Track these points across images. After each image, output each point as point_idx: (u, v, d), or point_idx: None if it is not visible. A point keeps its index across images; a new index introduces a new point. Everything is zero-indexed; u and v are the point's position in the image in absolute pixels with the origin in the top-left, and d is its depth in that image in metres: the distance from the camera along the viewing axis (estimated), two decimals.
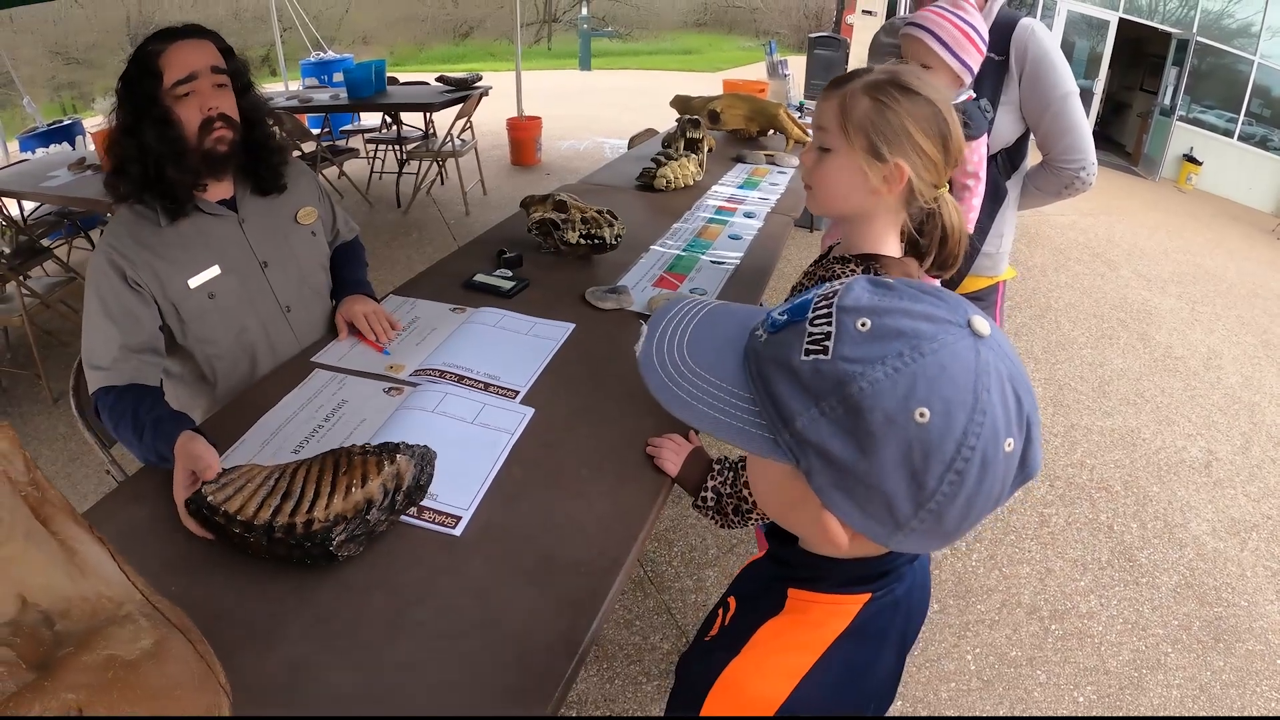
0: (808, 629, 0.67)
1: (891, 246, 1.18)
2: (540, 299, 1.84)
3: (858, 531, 0.60)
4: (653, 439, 1.31)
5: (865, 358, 0.55)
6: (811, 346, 0.57)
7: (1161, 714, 1.74)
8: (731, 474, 1.24)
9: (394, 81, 6.23)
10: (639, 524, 1.15)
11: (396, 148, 6.03)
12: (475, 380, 1.46)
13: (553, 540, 1.11)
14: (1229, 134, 9.65)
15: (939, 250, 1.20)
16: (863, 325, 0.56)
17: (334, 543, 1.01)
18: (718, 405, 0.62)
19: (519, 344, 1.59)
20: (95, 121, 6.48)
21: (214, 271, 1.53)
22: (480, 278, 1.92)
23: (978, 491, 0.55)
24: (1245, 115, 9.56)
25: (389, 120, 6.06)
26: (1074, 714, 2.06)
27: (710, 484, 1.24)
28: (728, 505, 1.22)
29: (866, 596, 0.67)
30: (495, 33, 18.69)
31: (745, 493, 1.21)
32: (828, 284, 0.61)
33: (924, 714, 2.03)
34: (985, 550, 2.61)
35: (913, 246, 1.21)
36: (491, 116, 7.29)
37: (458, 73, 6.10)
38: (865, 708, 0.70)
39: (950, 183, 1.19)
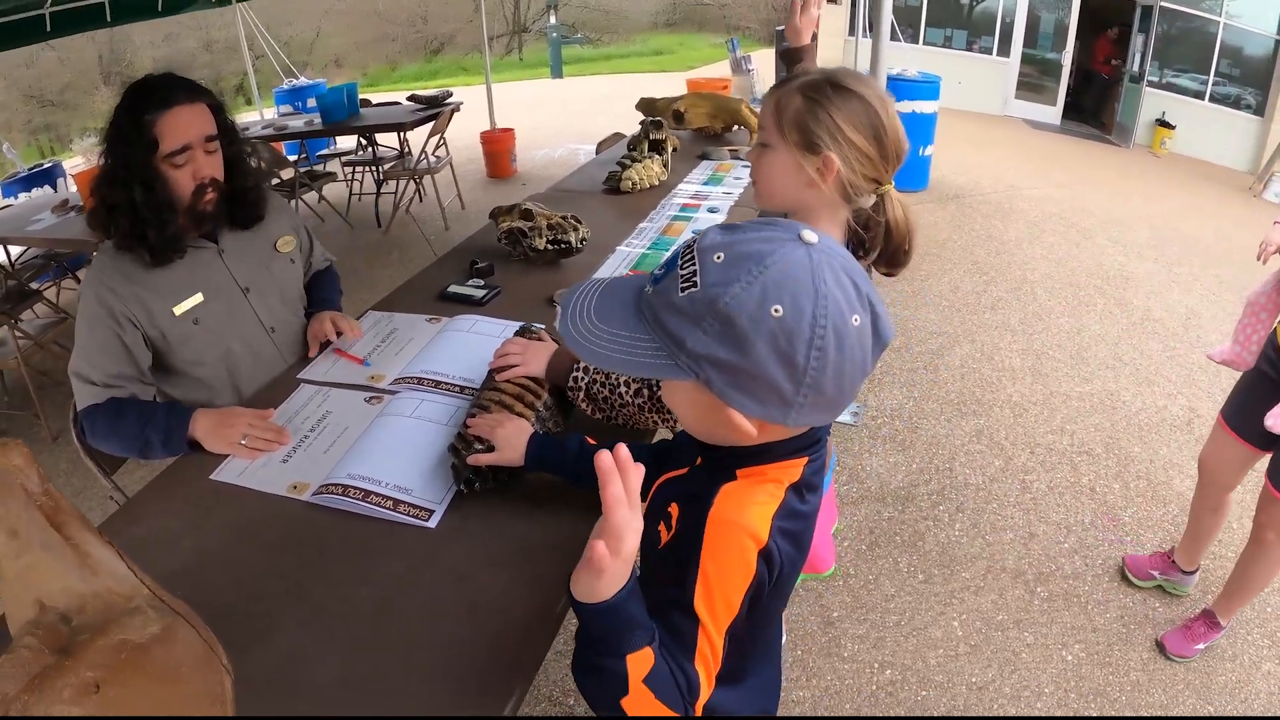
0: (764, 485, 0.81)
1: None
2: (512, 304, 1.91)
3: (758, 418, 0.74)
4: (497, 351, 1.41)
5: (725, 280, 0.70)
6: (685, 284, 0.72)
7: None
8: None
9: (367, 103, 6.29)
10: None
11: (373, 169, 6.09)
12: (451, 384, 1.53)
13: (527, 528, 1.18)
14: (1200, 96, 9.73)
15: (884, 245, 1.26)
16: (718, 258, 0.71)
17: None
18: (625, 350, 0.75)
19: (491, 347, 1.65)
20: (74, 162, 6.53)
21: (197, 299, 1.62)
22: (454, 288, 1.99)
23: (842, 361, 0.71)
24: (1215, 76, 9.63)
25: (364, 142, 6.12)
26: (1064, 668, 2.13)
27: (575, 372, 1.32)
28: (597, 391, 1.30)
29: (805, 460, 0.83)
30: (466, 47, 18.74)
31: (615, 380, 1.29)
32: (691, 236, 0.73)
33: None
34: (968, 519, 2.68)
35: (860, 244, 1.27)
36: (466, 130, 7.35)
37: (429, 90, 6.16)
38: (808, 549, 0.88)
39: None
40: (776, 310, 0.69)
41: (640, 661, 0.72)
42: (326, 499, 1.26)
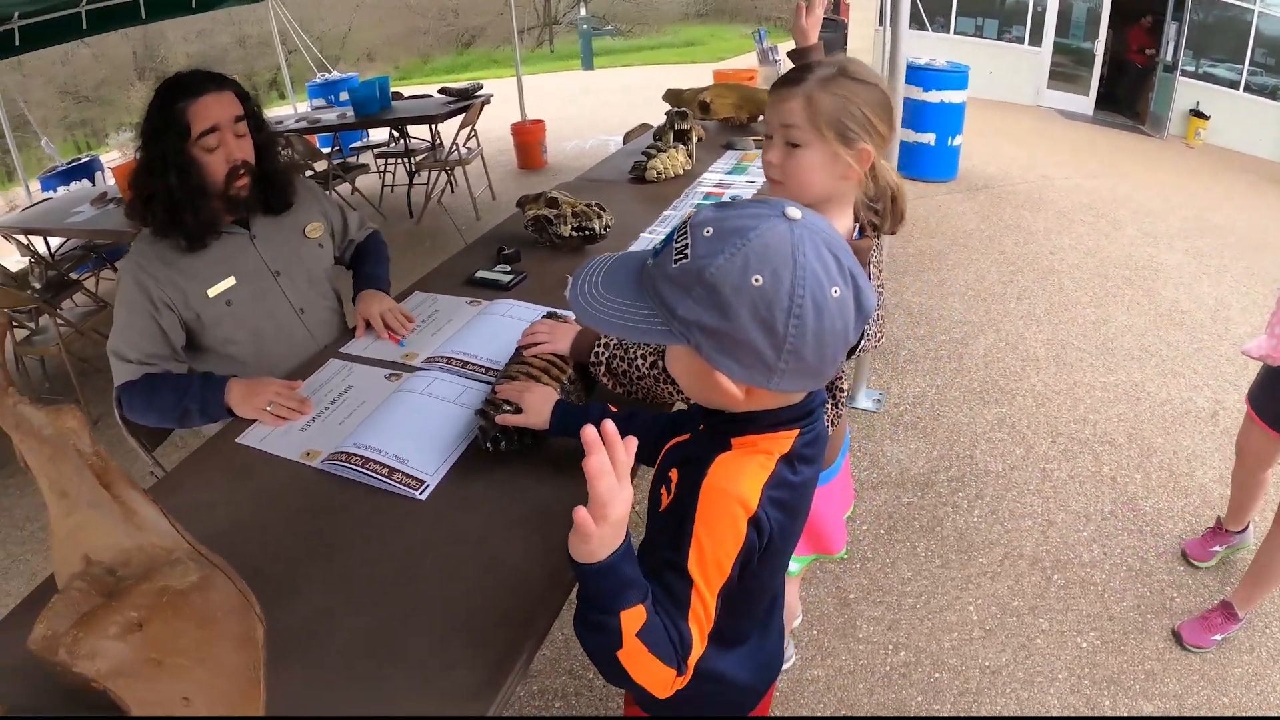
0: (756, 455, 0.86)
1: (846, 224, 1.30)
2: (538, 289, 1.96)
3: (743, 382, 0.79)
4: (526, 330, 1.49)
5: (711, 252, 0.76)
6: (678, 256, 0.78)
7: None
8: (615, 338, 1.39)
9: (398, 96, 6.39)
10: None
11: (405, 160, 6.19)
12: (478, 365, 1.59)
13: (543, 495, 1.24)
14: (1235, 86, 9.54)
15: (892, 209, 1.32)
16: (708, 232, 0.77)
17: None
18: (625, 316, 0.81)
19: (522, 330, 1.71)
20: (112, 156, 6.70)
21: (230, 282, 1.71)
22: (481, 273, 2.04)
23: (821, 329, 0.76)
24: (1251, 65, 9.44)
25: (396, 134, 6.22)
26: (1069, 662, 2.14)
27: (596, 348, 1.39)
28: (617, 366, 1.36)
29: (797, 431, 0.87)
30: (497, 39, 18.84)
31: (632, 354, 1.35)
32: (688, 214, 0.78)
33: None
34: (987, 506, 2.69)
35: (875, 214, 1.32)
36: (497, 123, 7.42)
37: (460, 83, 6.24)
38: (803, 519, 0.95)
39: None
40: (757, 280, 0.74)
41: (633, 618, 0.77)
42: (333, 465, 1.34)
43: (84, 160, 5.87)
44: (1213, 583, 2.35)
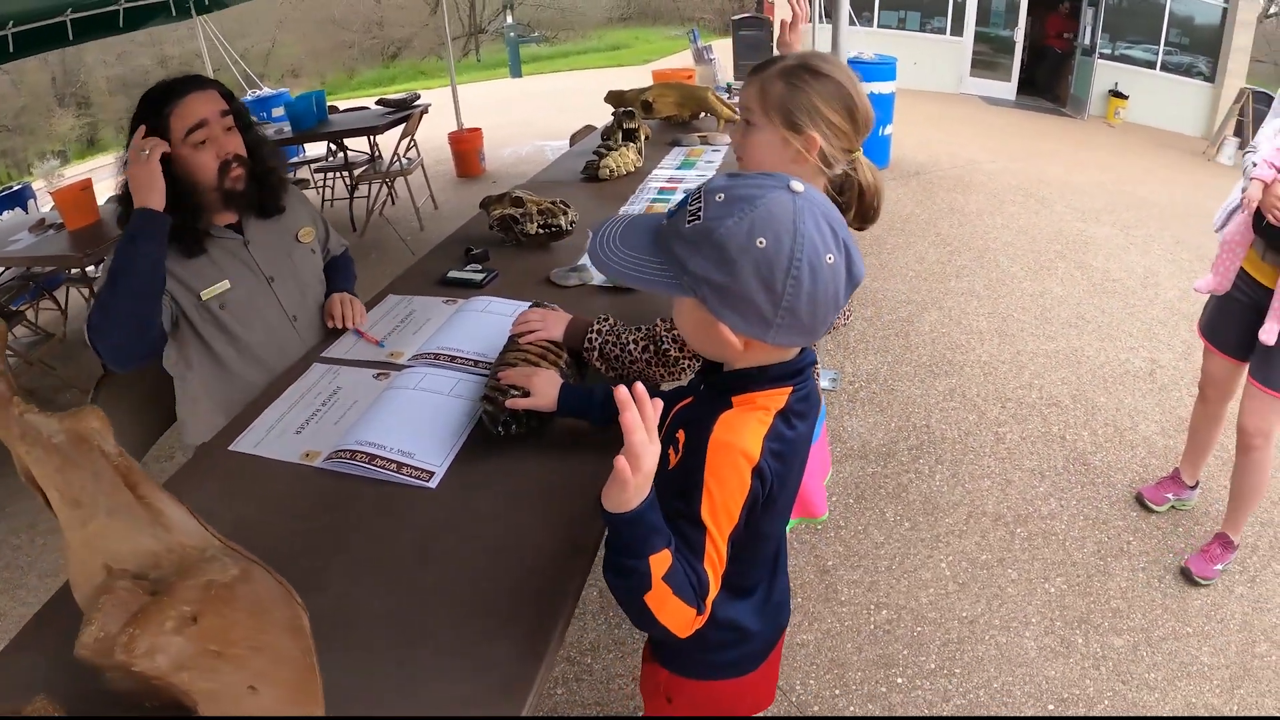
0: (755, 412, 0.93)
1: None
2: (510, 285, 2.00)
3: (743, 334, 0.88)
4: (518, 318, 1.54)
5: (721, 215, 0.84)
6: (691, 218, 0.86)
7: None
8: (607, 325, 1.46)
9: (333, 110, 6.32)
10: None
11: (345, 174, 6.13)
12: (466, 359, 1.62)
13: (549, 474, 1.29)
14: (1152, 65, 10.02)
15: (859, 204, 1.39)
16: (719, 197, 0.85)
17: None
18: (639, 268, 0.90)
19: (503, 324, 1.75)
20: (37, 186, 6.48)
21: (224, 285, 1.73)
22: (453, 274, 2.07)
23: (815, 291, 0.84)
24: (1166, 45, 9.93)
25: (334, 148, 6.15)
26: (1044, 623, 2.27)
27: (589, 334, 1.46)
28: (609, 350, 1.43)
29: (790, 389, 0.95)
30: (423, 51, 18.69)
31: (625, 339, 1.42)
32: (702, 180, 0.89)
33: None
34: (947, 470, 2.82)
35: (838, 206, 1.41)
36: (432, 133, 7.40)
37: (397, 94, 6.21)
38: (798, 472, 1.02)
39: None
40: (760, 242, 0.82)
41: (660, 562, 0.84)
42: (336, 464, 1.36)
43: (15, 188, 5.67)
44: (1165, 525, 2.53)
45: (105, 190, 4.79)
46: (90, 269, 4.15)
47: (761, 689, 1.28)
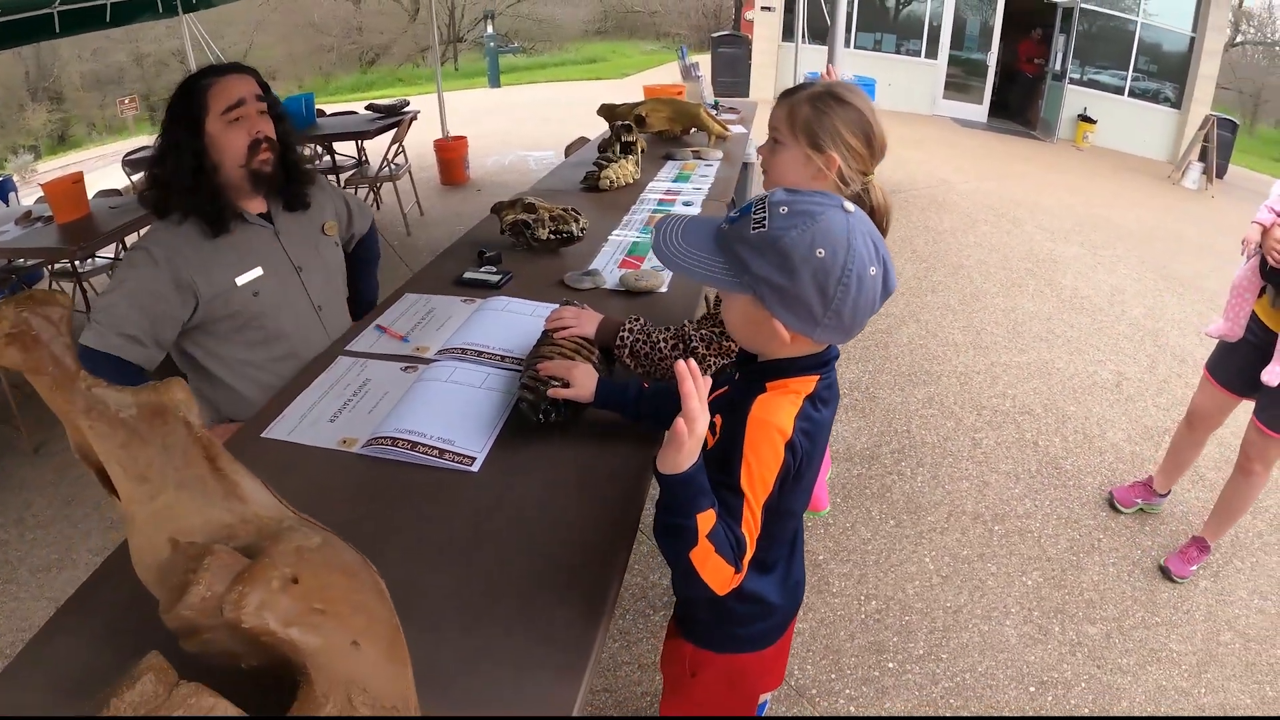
0: (787, 395, 1.04)
1: None
2: (525, 287, 2.09)
3: (793, 330, 1.00)
4: (552, 314, 1.63)
5: (786, 226, 0.96)
6: (756, 226, 0.98)
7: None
8: (639, 324, 1.56)
9: (320, 114, 6.36)
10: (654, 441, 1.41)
11: (332, 178, 6.16)
12: (493, 354, 1.70)
13: (587, 462, 1.38)
14: (1120, 91, 10.38)
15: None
16: (784, 210, 0.97)
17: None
18: (703, 265, 1.02)
19: (525, 323, 1.84)
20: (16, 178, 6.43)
21: (257, 272, 1.79)
22: (469, 274, 2.16)
23: (859, 298, 0.96)
24: (1134, 72, 10.30)
25: (320, 151, 6.19)
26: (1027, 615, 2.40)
27: (621, 332, 1.55)
28: (639, 348, 1.53)
29: (817, 377, 1.07)
30: (400, 58, 18.69)
31: (655, 338, 1.53)
32: (760, 194, 1.01)
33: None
34: (928, 473, 2.96)
35: None
36: (416, 140, 7.44)
37: (387, 99, 6.26)
38: (821, 452, 1.11)
39: None
40: (820, 252, 0.94)
41: (706, 520, 0.96)
42: (376, 450, 1.42)
43: None
44: (1133, 524, 2.70)
45: (95, 184, 4.81)
46: (78, 263, 4.15)
47: (777, 666, 1.40)
